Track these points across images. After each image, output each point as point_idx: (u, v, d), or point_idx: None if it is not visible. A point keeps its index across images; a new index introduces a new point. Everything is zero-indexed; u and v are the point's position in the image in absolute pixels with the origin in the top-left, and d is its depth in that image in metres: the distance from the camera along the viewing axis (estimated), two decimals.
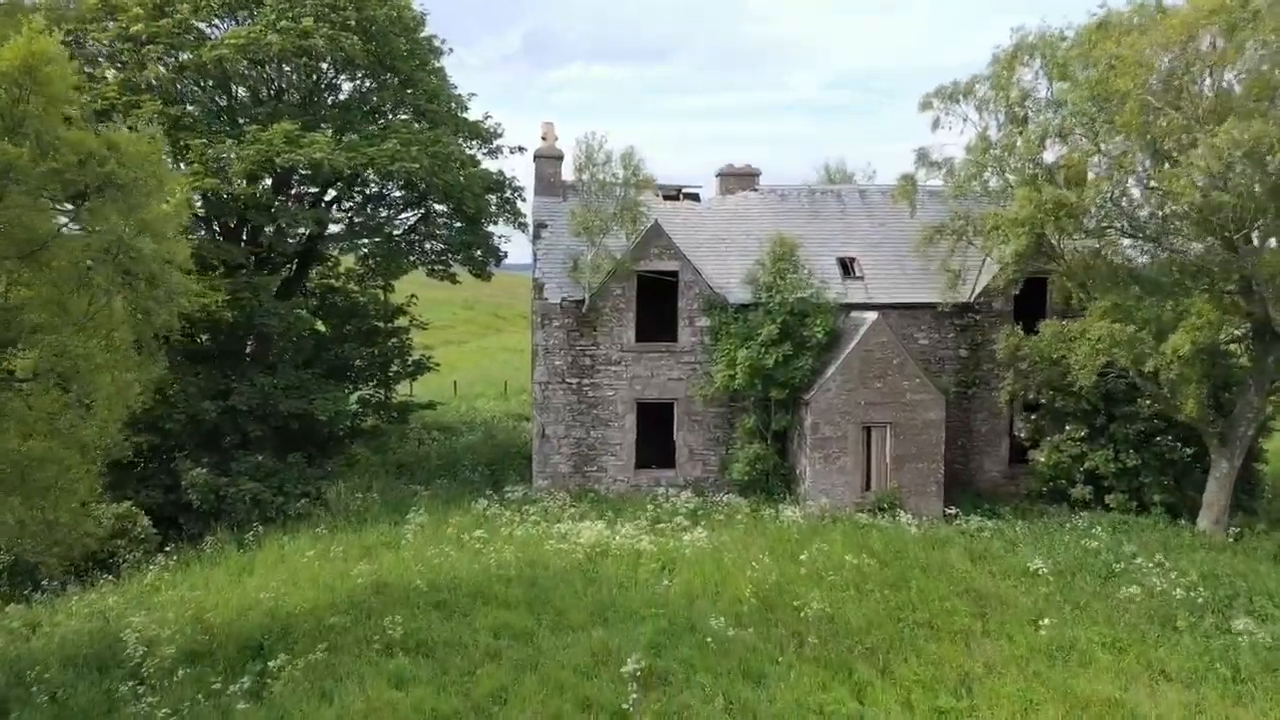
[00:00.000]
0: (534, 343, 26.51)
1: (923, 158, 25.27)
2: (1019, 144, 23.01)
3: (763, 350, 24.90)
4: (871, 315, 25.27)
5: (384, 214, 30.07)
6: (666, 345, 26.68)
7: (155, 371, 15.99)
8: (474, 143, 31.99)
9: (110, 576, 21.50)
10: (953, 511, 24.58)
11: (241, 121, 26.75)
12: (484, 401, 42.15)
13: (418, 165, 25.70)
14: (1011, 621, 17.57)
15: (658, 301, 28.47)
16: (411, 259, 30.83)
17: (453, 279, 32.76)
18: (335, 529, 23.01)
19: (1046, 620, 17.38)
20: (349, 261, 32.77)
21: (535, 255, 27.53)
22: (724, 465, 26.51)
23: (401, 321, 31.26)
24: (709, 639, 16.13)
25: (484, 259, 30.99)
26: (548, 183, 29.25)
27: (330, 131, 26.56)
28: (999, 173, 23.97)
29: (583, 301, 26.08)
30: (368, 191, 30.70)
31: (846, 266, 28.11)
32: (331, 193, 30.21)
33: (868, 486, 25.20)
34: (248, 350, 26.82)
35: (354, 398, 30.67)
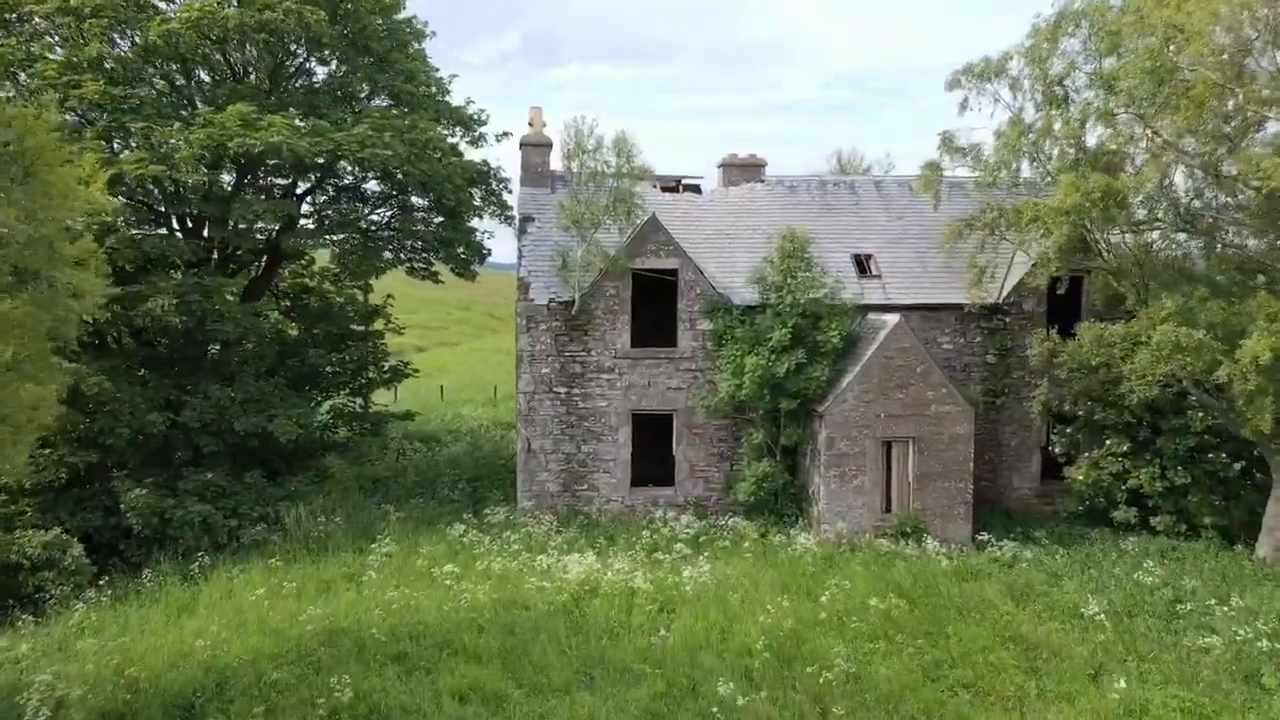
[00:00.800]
0: (518, 348, 23.79)
1: (948, 143, 22.54)
2: (1058, 126, 20.26)
3: (772, 357, 22.18)
4: (892, 318, 22.55)
5: (358, 208, 27.35)
6: (665, 351, 23.96)
7: (53, 387, 13.25)
8: (457, 130, 29.34)
9: (32, 615, 18.75)
10: (985, 538, 21.85)
11: (200, 106, 24.07)
12: (471, 408, 39.40)
13: (391, 153, 22.98)
14: (1069, 678, 14.84)
15: (655, 303, 25.72)
16: (388, 256, 28.13)
17: (435, 278, 30.07)
18: (293, 558, 20.30)
19: (1112, 679, 14.64)
20: (327, 260, 30.12)
21: (520, 251, 24.81)
22: (728, 483, 23.80)
23: (378, 325, 28.50)
24: (715, 708, 13.39)
25: (467, 257, 28.28)
26: (535, 173, 26.51)
27: (297, 117, 23.87)
28: (1034, 159, 21.23)
29: (572, 303, 23.37)
30: (341, 183, 28.02)
31: (862, 264, 25.38)
32: (305, 185, 27.54)
33: (888, 508, 22.48)
34: (208, 357, 24.08)
35: (326, 407, 27.99)
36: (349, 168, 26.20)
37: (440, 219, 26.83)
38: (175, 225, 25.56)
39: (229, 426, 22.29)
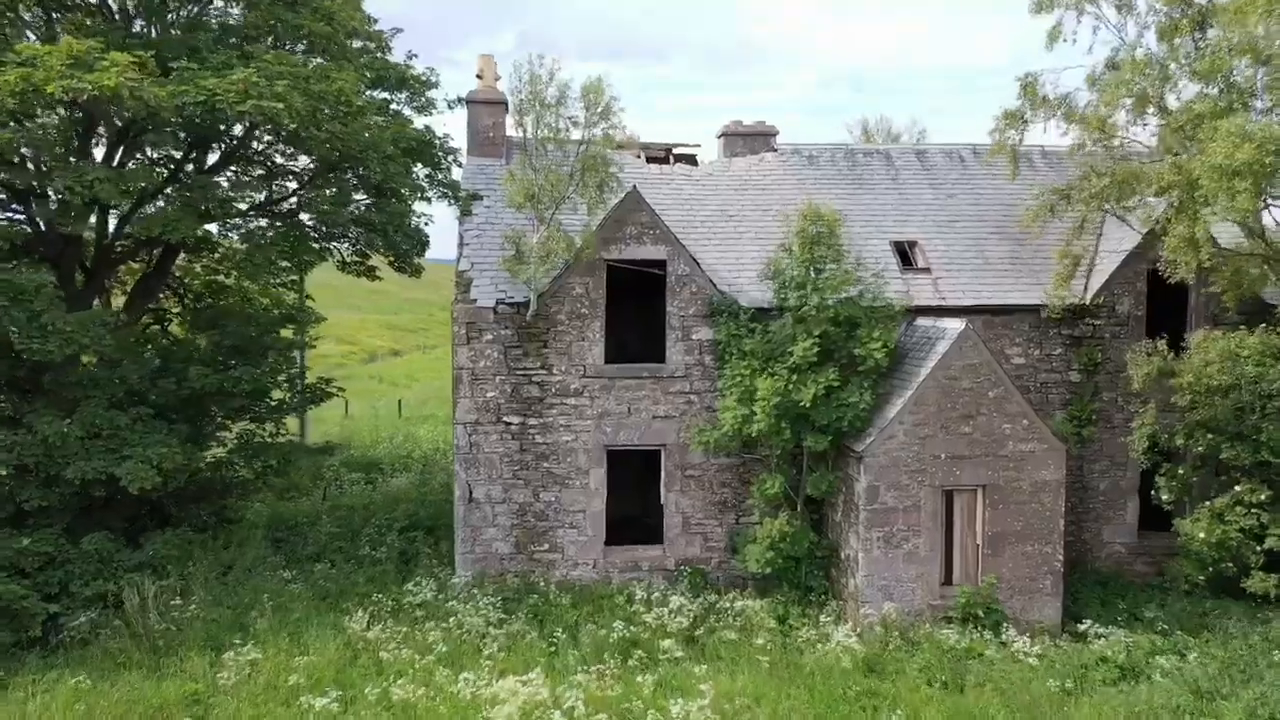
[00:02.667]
0: (455, 365, 17.70)
1: (1031, 91, 16.43)
2: (1203, 53, 14.16)
3: (793, 378, 16.10)
4: (954, 325, 16.47)
5: (261, 183, 21.20)
6: (650, 368, 17.90)
7: None
8: (401, 96, 23.26)
9: None
10: (1085, 628, 15.78)
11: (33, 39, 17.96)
12: (430, 427, 33.25)
13: (284, 105, 16.81)
14: None
15: (638, 305, 19.69)
16: (290, 245, 21.90)
17: (371, 274, 23.96)
18: (127, 663, 14.24)
19: None
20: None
21: (462, 238, 18.74)
22: (733, 543, 17.72)
23: (287, 331, 22.30)
24: None
25: (407, 248, 22.12)
26: (485, 138, 20.46)
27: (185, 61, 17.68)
28: (1158, 106, 15.14)
29: (527, 304, 17.31)
30: (252, 152, 21.82)
31: (905, 254, 19.30)
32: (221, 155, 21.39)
33: (949, 579, 16.43)
34: (41, 379, 17.89)
35: (236, 431, 21.77)
36: (247, 127, 20.09)
37: (367, 199, 20.63)
38: None
39: (60, 472, 16.19)
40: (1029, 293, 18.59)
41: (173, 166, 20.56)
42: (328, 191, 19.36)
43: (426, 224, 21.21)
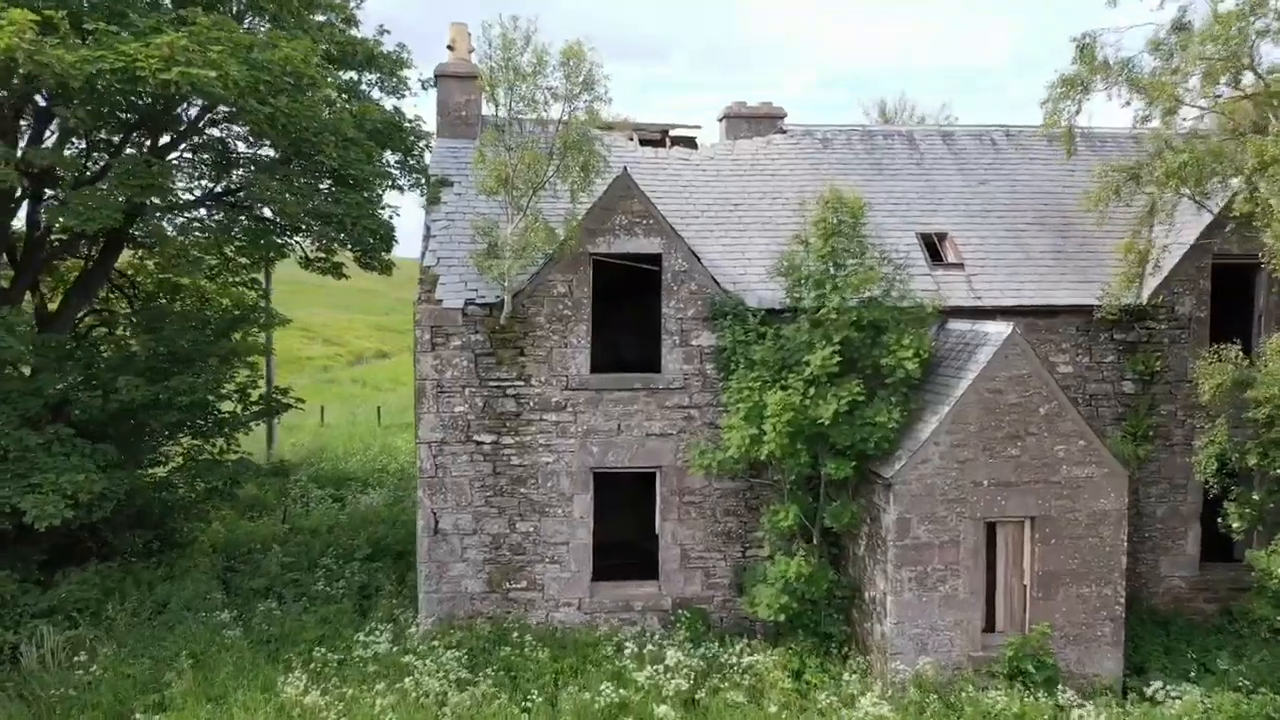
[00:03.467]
0: (419, 374, 15.21)
1: (1087, 55, 13.94)
2: None
3: (810, 391, 13.63)
4: (997, 329, 13.99)
5: (201, 165, 18.73)
6: (643, 379, 15.43)
7: None
8: (370, 77, 20.85)
9: None
10: (1154, 689, 13.30)
11: None
12: (409, 437, 30.55)
13: (217, 74, 14.34)
14: None
15: (629, 306, 17.28)
16: (247, 240, 19.49)
17: (337, 271, 21.51)
18: None
19: None
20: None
21: (428, 230, 16.27)
22: (740, 579, 15.26)
23: (240, 335, 19.79)
24: None
25: (373, 242, 19.64)
26: (456, 117, 17.99)
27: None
28: (1253, 70, 12.66)
29: (500, 305, 14.84)
30: (192, 133, 19.35)
31: (934, 247, 16.85)
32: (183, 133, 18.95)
33: (991, 626, 13.97)
34: None
35: (186, 447, 19.30)
36: (201, 109, 17.68)
37: (325, 187, 18.12)
38: None
39: None
40: (1076, 292, 16.14)
41: (112, 150, 18.15)
42: (272, 178, 16.80)
43: (392, 216, 18.74)
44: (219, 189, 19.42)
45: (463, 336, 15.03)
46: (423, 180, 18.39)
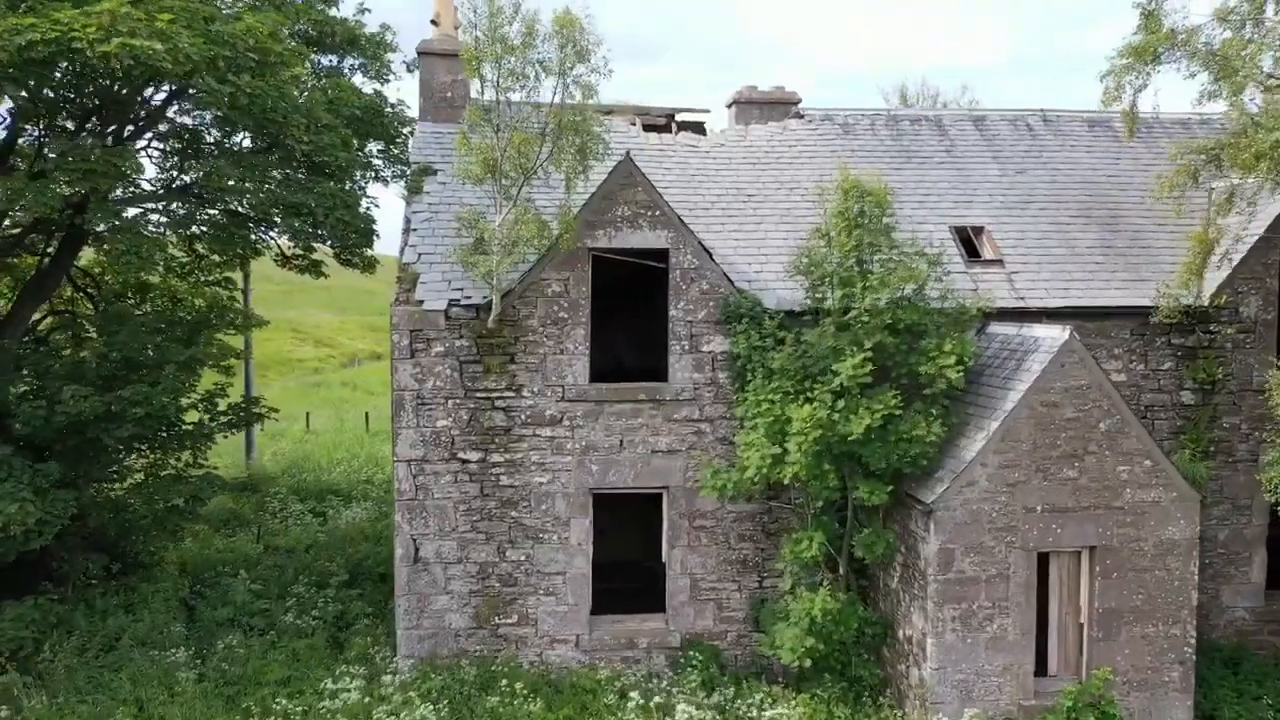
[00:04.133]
0: (396, 384, 13.48)
1: (1153, 20, 12.21)
2: None
3: (839, 404, 11.91)
4: (1050, 333, 12.27)
5: (165, 153, 17.00)
6: (649, 389, 13.70)
7: None
8: (353, 62, 19.19)
9: None
10: None
11: None
12: None
13: (165, 47, 12.61)
14: None
15: (632, 307, 15.60)
16: (216, 235, 17.76)
17: (315, 270, 19.81)
18: None
19: None
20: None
21: (409, 222, 14.56)
22: (757, 613, 13.54)
23: (206, 341, 18.01)
24: None
25: (354, 237, 17.90)
26: (441, 99, 16.28)
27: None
28: None
29: (488, 307, 13.11)
30: (158, 119, 17.63)
31: (969, 242, 15.14)
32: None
33: (1044, 669, 12.25)
34: None
35: (147, 460, 17.53)
36: (170, 92, 16.00)
37: (296, 176, 16.36)
38: None
39: None
40: (1129, 291, 14.43)
41: (70, 137, 16.43)
42: (234, 166, 15.04)
43: (369, 208, 17.00)
44: (187, 180, 17.70)
45: (446, 342, 13.30)
46: (406, 170, 16.67)
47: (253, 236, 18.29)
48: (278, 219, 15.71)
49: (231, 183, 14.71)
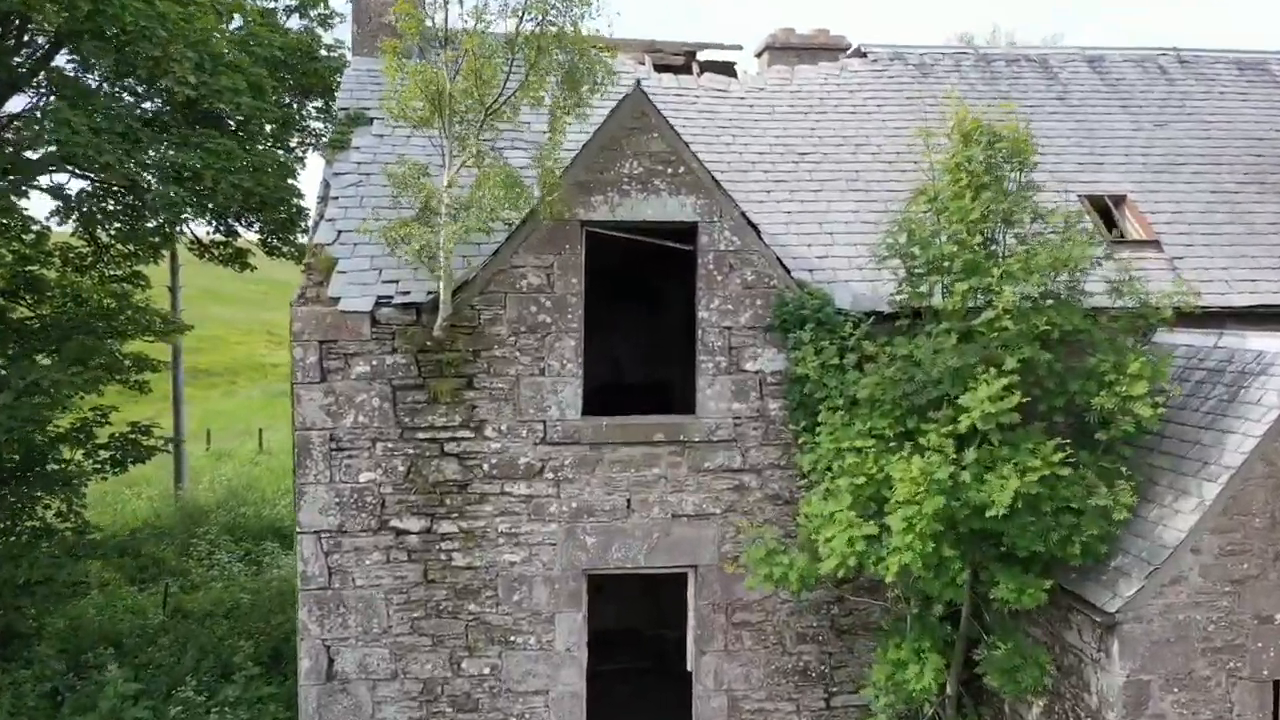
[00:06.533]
0: (299, 420, 9.03)
1: None
2: None
3: (967, 456, 7.51)
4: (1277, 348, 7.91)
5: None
6: (668, 425, 9.29)
7: None
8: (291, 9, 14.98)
9: None
10: None
11: None
12: None
13: None
14: None
15: (642, 306, 11.21)
16: (120, 220, 13.51)
17: (241, 261, 15.44)
18: None
19: None
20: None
21: (327, 187, 10.12)
22: None
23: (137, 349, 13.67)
24: None
25: (279, 216, 13.51)
26: (380, 25, 11.84)
27: None
28: None
29: (433, 306, 8.68)
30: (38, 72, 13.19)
31: (1108, 214, 10.79)
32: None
33: None
34: None
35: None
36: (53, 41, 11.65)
37: (187, 131, 11.94)
38: None
39: None
40: None
41: None
42: (70, 106, 10.60)
43: (291, 178, 12.63)
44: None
45: (373, 358, 8.88)
46: (340, 132, 12.21)
47: (146, 217, 13.91)
48: (148, 185, 11.25)
49: (62, 130, 10.19)
